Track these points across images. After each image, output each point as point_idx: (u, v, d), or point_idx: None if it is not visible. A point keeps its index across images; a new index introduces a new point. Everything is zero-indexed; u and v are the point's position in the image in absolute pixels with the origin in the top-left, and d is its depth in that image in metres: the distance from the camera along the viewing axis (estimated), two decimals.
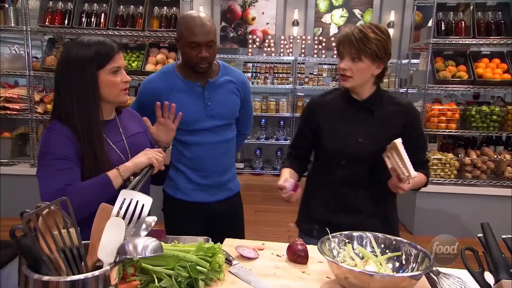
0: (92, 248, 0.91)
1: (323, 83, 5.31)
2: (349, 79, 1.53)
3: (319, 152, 1.72)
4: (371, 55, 1.48)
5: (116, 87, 1.42)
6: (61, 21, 3.60)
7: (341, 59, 1.54)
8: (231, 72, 1.90)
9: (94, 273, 0.83)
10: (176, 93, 1.78)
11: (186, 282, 1.09)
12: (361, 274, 1.08)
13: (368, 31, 1.48)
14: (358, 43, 1.47)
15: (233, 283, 1.17)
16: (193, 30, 1.68)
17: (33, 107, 3.59)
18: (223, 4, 5.64)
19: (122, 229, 0.89)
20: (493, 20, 3.55)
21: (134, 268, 1.12)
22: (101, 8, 3.66)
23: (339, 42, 1.54)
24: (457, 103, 3.83)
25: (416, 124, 1.65)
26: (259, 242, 1.46)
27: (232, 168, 1.97)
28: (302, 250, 1.31)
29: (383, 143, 1.51)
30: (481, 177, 3.63)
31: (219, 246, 1.19)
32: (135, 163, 1.37)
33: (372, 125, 1.59)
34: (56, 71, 1.44)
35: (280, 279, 1.20)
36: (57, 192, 1.28)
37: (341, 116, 1.63)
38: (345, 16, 5.58)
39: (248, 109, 2.02)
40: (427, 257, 1.14)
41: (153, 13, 3.68)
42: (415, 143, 1.61)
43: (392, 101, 1.63)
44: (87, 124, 1.37)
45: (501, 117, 3.51)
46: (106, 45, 1.39)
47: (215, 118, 1.81)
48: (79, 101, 1.37)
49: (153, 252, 0.86)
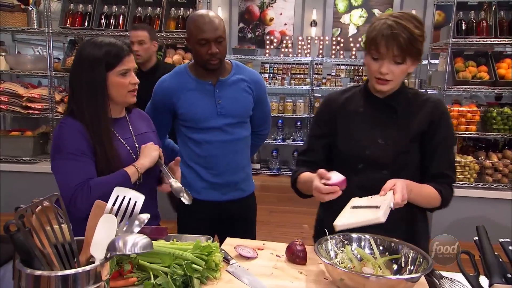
0: (86, 244, 0.93)
1: (340, 84, 5.26)
2: (388, 82, 1.35)
3: (333, 156, 1.53)
4: (416, 55, 1.32)
5: (124, 88, 1.46)
6: (81, 22, 3.70)
7: (380, 61, 1.33)
8: (244, 71, 1.91)
9: (85, 268, 0.85)
10: (186, 92, 1.81)
11: (182, 280, 1.10)
12: (356, 276, 1.07)
13: (411, 26, 1.28)
14: (406, 44, 1.27)
15: (229, 282, 1.17)
16: (201, 27, 1.71)
17: (54, 106, 3.69)
18: (241, 5, 5.66)
19: (114, 225, 0.90)
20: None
21: (132, 265, 1.14)
22: (120, 10, 3.74)
23: (376, 41, 1.30)
24: (478, 105, 3.72)
25: (443, 124, 1.42)
26: (260, 242, 1.46)
27: (246, 168, 1.96)
28: (300, 251, 1.30)
29: (407, 145, 1.39)
30: (502, 181, 3.51)
31: (216, 245, 1.19)
32: (150, 159, 1.47)
33: (394, 124, 1.42)
34: (70, 68, 1.50)
35: (277, 279, 1.20)
36: (79, 186, 1.36)
37: (360, 115, 1.46)
38: (364, 16, 5.51)
39: (264, 109, 2.00)
40: (425, 260, 1.11)
41: (170, 14, 3.74)
42: (436, 147, 1.42)
43: (419, 98, 1.45)
44: (95, 120, 1.42)
45: None
46: (116, 47, 1.44)
47: (225, 116, 1.82)
48: (88, 99, 1.43)
49: (143, 249, 0.87)
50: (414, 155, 1.43)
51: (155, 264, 1.13)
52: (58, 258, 0.87)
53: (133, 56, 1.49)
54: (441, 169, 1.42)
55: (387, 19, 1.31)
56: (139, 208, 0.95)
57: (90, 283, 0.85)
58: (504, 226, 3.42)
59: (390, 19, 1.30)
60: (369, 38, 1.34)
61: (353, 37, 5.37)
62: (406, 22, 1.28)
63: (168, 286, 1.08)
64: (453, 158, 1.51)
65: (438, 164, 1.43)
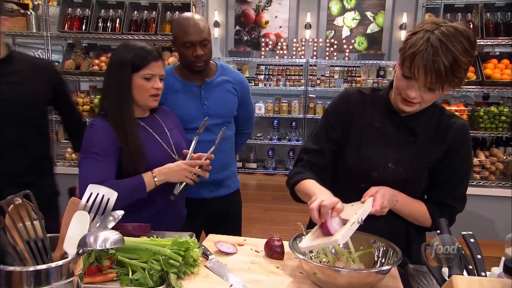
0: (61, 240, 0.93)
1: (334, 84, 5.25)
2: (415, 105, 1.18)
3: (338, 167, 1.37)
4: (457, 84, 1.10)
5: (146, 92, 1.50)
6: (79, 26, 3.70)
7: (411, 82, 1.13)
8: (229, 72, 1.92)
9: (57, 263, 0.85)
10: (173, 93, 1.82)
11: (158, 275, 1.10)
12: (328, 270, 1.07)
13: (459, 50, 1.05)
14: (447, 74, 1.06)
15: (206, 276, 1.17)
16: (186, 30, 1.72)
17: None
18: (237, 8, 5.66)
19: (87, 221, 0.90)
20: (502, 21, 3.43)
21: (111, 260, 1.14)
22: (117, 13, 3.74)
23: (412, 61, 1.08)
24: (466, 104, 3.72)
25: (460, 156, 1.26)
26: (241, 238, 1.46)
27: (231, 166, 1.97)
28: (278, 246, 1.30)
29: (419, 173, 1.26)
30: (490, 178, 3.51)
31: (194, 241, 1.19)
32: (168, 176, 1.48)
33: (410, 149, 1.25)
34: (106, 69, 1.56)
35: (253, 273, 1.20)
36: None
37: (375, 130, 1.29)
38: (357, 19, 5.51)
39: (247, 108, 2.02)
40: (395, 253, 1.12)
41: (165, 17, 3.74)
42: (446, 178, 1.27)
43: (444, 121, 1.26)
44: (121, 120, 1.47)
45: (510, 118, 3.39)
46: (145, 51, 1.48)
47: (211, 116, 1.82)
48: (115, 99, 1.48)
49: (113, 244, 0.86)
50: (423, 183, 1.32)
51: (133, 260, 1.14)
52: (31, 254, 0.87)
53: (161, 62, 1.53)
54: (443, 199, 1.29)
55: (432, 33, 1.07)
56: (112, 204, 0.95)
57: (63, 278, 0.85)
58: (490, 222, 3.42)
59: (436, 35, 1.06)
60: (406, 52, 1.10)
61: (346, 39, 5.36)
62: (454, 44, 1.06)
63: (145, 281, 1.08)
64: (464, 188, 1.31)
65: (442, 194, 1.30)
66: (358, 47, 5.47)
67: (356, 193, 1.22)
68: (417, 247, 1.31)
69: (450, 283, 0.81)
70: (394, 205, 1.21)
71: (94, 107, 3.66)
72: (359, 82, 5.01)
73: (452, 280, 0.80)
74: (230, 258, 1.29)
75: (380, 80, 4.93)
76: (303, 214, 1.80)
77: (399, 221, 1.30)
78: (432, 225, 1.29)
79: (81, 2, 3.76)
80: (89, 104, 3.69)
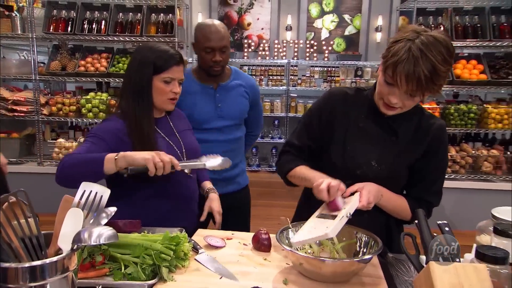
0: (55, 237, 0.92)
1: (315, 84, 5.30)
2: (396, 109, 1.21)
3: (324, 162, 1.38)
4: (436, 91, 1.13)
5: (165, 95, 1.47)
6: (65, 28, 3.63)
7: (393, 88, 1.15)
8: (242, 77, 2.00)
9: (52, 259, 0.84)
10: (190, 95, 1.87)
11: (150, 269, 1.10)
12: (313, 260, 1.09)
13: (438, 60, 1.07)
14: (427, 83, 1.09)
15: (197, 269, 1.18)
16: (208, 36, 1.78)
17: (39, 109, 3.61)
18: (220, 11, 5.64)
19: (81, 218, 0.90)
20: (469, 24, 3.52)
21: (103, 256, 1.13)
22: (102, 15, 3.68)
23: (394, 69, 1.10)
24: (438, 102, 3.81)
25: (439, 156, 1.30)
26: (230, 232, 1.47)
27: (240, 164, 2.04)
28: (265, 239, 1.31)
29: (400, 171, 1.29)
30: (460, 172, 3.60)
31: (184, 235, 1.20)
32: (134, 157, 1.27)
33: (392, 148, 1.29)
34: (126, 68, 1.52)
35: (242, 265, 1.21)
36: (65, 156, 1.35)
37: (359, 130, 1.31)
38: (336, 21, 5.56)
39: (257, 111, 2.10)
40: (376, 243, 1.14)
41: (150, 19, 3.69)
42: (425, 175, 1.30)
43: (423, 121, 1.30)
44: (139, 119, 1.42)
45: (478, 115, 3.48)
46: (167, 54, 1.45)
47: (224, 118, 1.89)
48: (135, 98, 1.44)
49: (107, 240, 0.86)
50: (403, 180, 1.35)
51: (126, 255, 1.13)
52: (26, 251, 0.86)
53: (182, 67, 1.49)
54: (422, 195, 1.34)
55: (413, 42, 1.08)
56: (105, 201, 0.95)
57: (58, 273, 0.85)
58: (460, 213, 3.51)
59: (416, 44, 1.08)
60: (388, 61, 1.12)
61: (325, 41, 5.41)
62: (434, 53, 1.07)
63: (137, 275, 1.08)
64: (440, 184, 1.36)
65: (420, 190, 1.34)
66: (336, 48, 5.52)
67: None
68: (397, 238, 1.34)
69: (427, 269, 0.84)
70: (379, 200, 1.24)
71: (80, 107, 3.59)
72: (338, 81, 5.07)
73: (429, 266, 0.83)
74: (219, 251, 1.30)
75: (358, 80, 4.99)
76: (287, 209, 1.83)
77: (381, 215, 1.34)
78: (411, 218, 1.33)
79: (66, 4, 3.68)
80: (76, 104, 3.62)
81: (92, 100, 3.56)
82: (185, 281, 1.10)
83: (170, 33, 3.61)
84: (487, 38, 3.40)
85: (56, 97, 3.67)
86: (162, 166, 1.26)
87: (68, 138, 3.83)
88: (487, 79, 3.37)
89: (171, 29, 3.62)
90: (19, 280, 0.80)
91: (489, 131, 3.59)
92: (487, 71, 3.41)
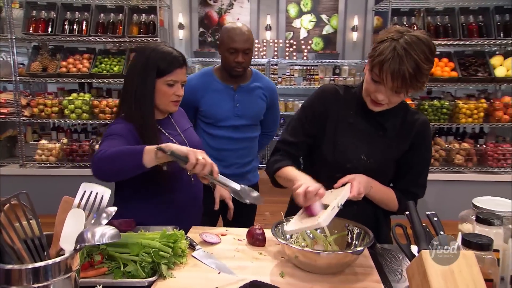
0: (56, 238, 0.91)
1: (295, 82, 5.34)
2: (382, 106, 1.25)
3: (315, 157, 1.40)
4: (419, 88, 1.17)
5: (168, 98, 1.44)
6: (45, 28, 3.52)
7: (379, 86, 1.18)
8: (261, 79, 2.04)
9: (55, 260, 0.83)
10: (210, 92, 1.91)
11: (150, 266, 1.09)
12: (308, 253, 1.10)
13: (421, 58, 1.11)
14: (411, 80, 1.12)
15: (195, 266, 1.18)
16: (233, 38, 1.82)
17: (20, 111, 3.50)
18: (200, 11, 5.60)
19: (82, 219, 0.88)
20: (440, 24, 3.63)
21: (102, 255, 1.12)
22: (83, 16, 3.59)
23: (381, 68, 1.13)
24: (413, 98, 3.90)
25: (423, 149, 1.34)
26: (223, 228, 1.47)
27: (253, 162, 2.08)
28: (260, 234, 1.32)
29: (389, 163, 1.33)
30: (434, 165, 3.71)
31: (181, 233, 1.19)
32: (178, 146, 1.18)
33: (381, 142, 1.32)
34: (128, 69, 1.47)
35: (238, 260, 1.21)
36: (100, 150, 1.25)
37: (349, 126, 1.34)
38: (314, 21, 5.61)
39: (274, 113, 2.14)
40: (367, 235, 1.17)
41: (132, 20, 3.63)
42: (410, 168, 1.35)
43: (409, 117, 1.34)
44: (143, 121, 1.39)
45: (450, 110, 3.60)
46: (171, 56, 1.42)
47: (241, 118, 1.93)
48: (137, 102, 1.40)
49: (111, 239, 0.86)
50: (391, 172, 1.39)
51: (124, 254, 1.12)
52: (28, 252, 0.84)
53: (185, 69, 1.47)
54: (407, 187, 1.37)
55: (398, 42, 1.11)
56: (106, 201, 0.94)
57: (61, 274, 0.83)
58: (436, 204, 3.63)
59: (401, 44, 1.11)
60: (375, 60, 1.15)
61: (304, 40, 5.46)
62: (417, 52, 1.11)
63: (137, 273, 1.07)
64: (425, 177, 1.40)
65: (406, 183, 1.37)
66: (315, 47, 5.58)
67: (332, 182, 1.26)
68: (384, 228, 1.40)
69: (420, 257, 0.87)
70: (369, 191, 1.27)
71: (62, 108, 3.50)
72: (317, 80, 5.13)
73: (421, 254, 0.86)
74: (215, 247, 1.30)
75: (336, 78, 5.06)
76: (271, 205, 1.85)
77: (369, 207, 1.37)
78: (398, 209, 1.37)
79: (46, 5, 3.57)
80: (58, 105, 3.52)
81: (74, 101, 3.47)
82: (184, 277, 1.10)
83: (152, 33, 3.56)
84: (457, 37, 3.51)
85: (38, 98, 3.56)
86: (203, 165, 1.16)
87: (50, 139, 3.72)
88: (458, 76, 3.49)
89: (154, 29, 3.57)
90: (22, 281, 0.79)
91: (460, 125, 3.71)
92: (457, 69, 3.52)
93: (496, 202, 1.24)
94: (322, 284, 1.06)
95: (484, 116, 3.55)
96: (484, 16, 3.59)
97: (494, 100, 3.60)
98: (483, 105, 3.53)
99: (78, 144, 3.53)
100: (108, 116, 3.47)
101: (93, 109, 3.51)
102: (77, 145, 3.52)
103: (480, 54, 3.67)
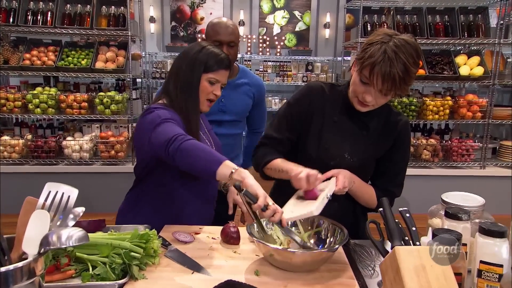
0: (18, 241, 0.85)
1: (268, 78, 5.32)
2: (368, 107, 1.27)
3: (299, 154, 1.41)
4: (406, 90, 1.19)
5: (205, 95, 1.45)
6: (6, 19, 3.33)
7: (367, 87, 1.20)
8: (248, 76, 2.02)
9: (17, 265, 0.77)
10: None
11: (120, 268, 1.05)
12: (283, 252, 1.09)
13: (410, 62, 1.13)
14: (400, 82, 1.14)
15: (168, 265, 1.14)
16: (217, 30, 1.81)
17: None
18: (172, 4, 5.48)
19: (47, 220, 0.83)
20: (409, 23, 3.71)
21: (69, 258, 1.06)
22: (47, 6, 3.42)
23: (371, 70, 1.15)
24: None
25: (402, 149, 1.38)
26: (197, 227, 1.44)
27: (235, 160, 2.05)
28: (234, 232, 1.30)
29: (370, 162, 1.35)
30: None
31: (153, 232, 1.16)
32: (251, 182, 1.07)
33: (364, 141, 1.35)
34: (174, 61, 1.49)
35: (213, 259, 1.19)
36: (180, 134, 1.19)
37: (334, 124, 1.36)
38: (287, 17, 5.61)
39: (261, 110, 2.13)
40: (342, 232, 1.18)
41: (101, 12, 3.50)
42: (389, 167, 1.38)
43: (391, 117, 1.37)
44: (188, 112, 1.40)
45: (418, 107, 3.70)
46: (219, 57, 1.44)
47: (225, 113, 1.92)
48: (183, 92, 1.41)
49: (78, 241, 0.81)
50: (371, 171, 1.43)
51: (93, 255, 1.07)
52: None
53: (228, 72, 1.48)
54: (386, 186, 1.40)
55: (388, 45, 1.13)
56: (73, 202, 0.89)
57: (24, 279, 0.78)
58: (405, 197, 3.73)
59: (390, 46, 1.13)
60: (365, 62, 1.16)
61: (277, 36, 5.45)
62: (406, 55, 1.13)
63: (107, 275, 1.03)
64: (403, 177, 1.44)
65: (385, 181, 1.40)
66: (288, 44, 5.59)
67: None
68: (363, 224, 1.39)
69: (393, 253, 0.88)
70: (352, 187, 1.29)
71: (26, 103, 3.33)
72: (291, 76, 5.14)
73: (395, 250, 0.87)
74: (189, 246, 1.27)
75: (309, 74, 5.09)
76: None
77: (349, 203, 1.39)
78: (376, 206, 1.40)
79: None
80: (21, 99, 3.35)
81: (39, 95, 3.31)
82: (156, 278, 1.07)
83: (122, 26, 3.45)
84: (425, 36, 3.60)
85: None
86: (274, 211, 1.06)
87: (13, 135, 3.54)
88: (425, 74, 3.58)
89: (124, 22, 3.46)
90: None
91: (427, 122, 3.82)
92: (425, 67, 3.62)
93: (463, 197, 1.27)
94: (297, 281, 1.06)
95: (449, 113, 3.68)
96: (449, 16, 3.70)
97: (458, 98, 3.73)
98: (449, 103, 3.65)
99: (43, 140, 3.37)
100: (76, 111, 3.34)
101: (59, 104, 3.37)
102: (42, 141, 3.37)
103: (446, 53, 3.79)
